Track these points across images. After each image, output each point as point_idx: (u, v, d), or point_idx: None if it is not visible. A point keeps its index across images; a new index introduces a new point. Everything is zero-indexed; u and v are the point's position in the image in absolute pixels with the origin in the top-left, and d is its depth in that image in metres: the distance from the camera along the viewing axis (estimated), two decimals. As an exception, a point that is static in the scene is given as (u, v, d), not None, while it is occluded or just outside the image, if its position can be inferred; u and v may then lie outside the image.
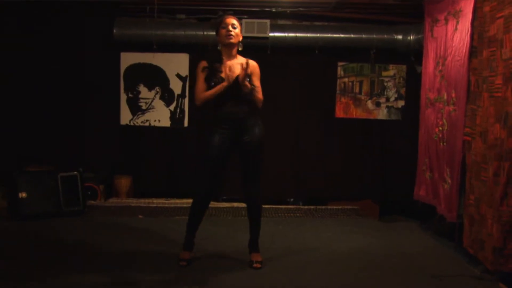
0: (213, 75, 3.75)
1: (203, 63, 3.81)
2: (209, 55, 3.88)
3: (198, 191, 3.87)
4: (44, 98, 5.88)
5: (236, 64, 3.79)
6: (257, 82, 3.83)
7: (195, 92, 3.83)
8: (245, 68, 3.59)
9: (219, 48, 3.83)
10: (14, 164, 5.56)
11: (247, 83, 3.65)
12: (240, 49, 3.84)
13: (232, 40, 3.76)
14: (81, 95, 5.97)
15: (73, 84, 5.94)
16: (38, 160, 5.71)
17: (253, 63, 3.78)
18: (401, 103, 6.15)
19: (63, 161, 5.67)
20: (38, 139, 5.86)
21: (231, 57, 3.82)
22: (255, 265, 3.89)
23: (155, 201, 5.95)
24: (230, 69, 3.77)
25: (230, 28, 3.74)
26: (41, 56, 5.84)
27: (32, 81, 5.85)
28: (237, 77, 3.68)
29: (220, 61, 3.79)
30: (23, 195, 5.08)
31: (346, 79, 6.15)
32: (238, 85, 3.67)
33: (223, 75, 3.75)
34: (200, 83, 3.79)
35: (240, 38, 3.81)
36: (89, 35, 5.91)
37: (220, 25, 3.78)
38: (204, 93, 3.76)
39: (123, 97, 6.10)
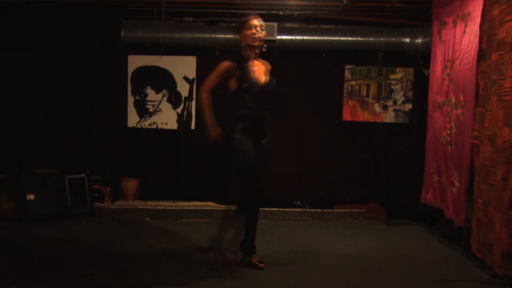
0: (245, 77, 3.73)
1: (229, 64, 3.76)
2: (233, 56, 3.82)
3: (248, 193, 3.83)
4: (49, 100, 5.84)
5: (258, 66, 3.82)
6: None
7: (207, 82, 3.81)
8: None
9: (239, 48, 3.83)
10: (21, 166, 5.57)
11: None
12: (264, 50, 3.86)
13: (257, 43, 3.77)
14: (88, 97, 5.95)
15: (79, 86, 5.91)
16: (44, 162, 5.72)
17: (269, 65, 3.96)
18: (408, 106, 6.13)
19: (69, 163, 5.69)
20: (45, 141, 5.85)
21: (252, 58, 3.82)
22: (260, 265, 3.88)
23: (162, 203, 5.95)
24: (256, 73, 3.78)
25: (259, 29, 3.76)
26: (41, 57, 5.79)
27: (34, 82, 5.81)
28: (268, 82, 3.82)
29: (247, 61, 3.78)
30: (30, 197, 5.11)
31: (353, 82, 6.14)
32: (266, 89, 3.79)
33: (253, 75, 3.74)
34: (214, 78, 3.78)
35: (263, 40, 3.83)
36: (97, 37, 5.89)
37: (245, 25, 3.77)
38: (208, 97, 3.78)
39: (131, 100, 6.11)
